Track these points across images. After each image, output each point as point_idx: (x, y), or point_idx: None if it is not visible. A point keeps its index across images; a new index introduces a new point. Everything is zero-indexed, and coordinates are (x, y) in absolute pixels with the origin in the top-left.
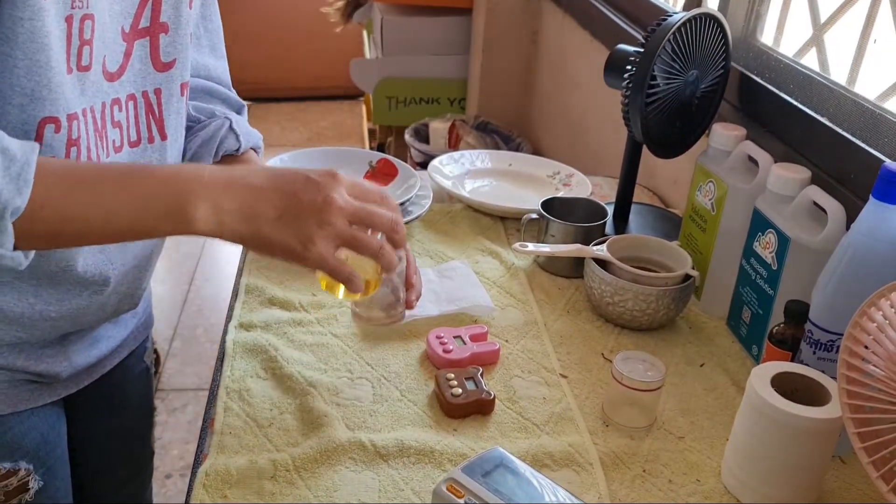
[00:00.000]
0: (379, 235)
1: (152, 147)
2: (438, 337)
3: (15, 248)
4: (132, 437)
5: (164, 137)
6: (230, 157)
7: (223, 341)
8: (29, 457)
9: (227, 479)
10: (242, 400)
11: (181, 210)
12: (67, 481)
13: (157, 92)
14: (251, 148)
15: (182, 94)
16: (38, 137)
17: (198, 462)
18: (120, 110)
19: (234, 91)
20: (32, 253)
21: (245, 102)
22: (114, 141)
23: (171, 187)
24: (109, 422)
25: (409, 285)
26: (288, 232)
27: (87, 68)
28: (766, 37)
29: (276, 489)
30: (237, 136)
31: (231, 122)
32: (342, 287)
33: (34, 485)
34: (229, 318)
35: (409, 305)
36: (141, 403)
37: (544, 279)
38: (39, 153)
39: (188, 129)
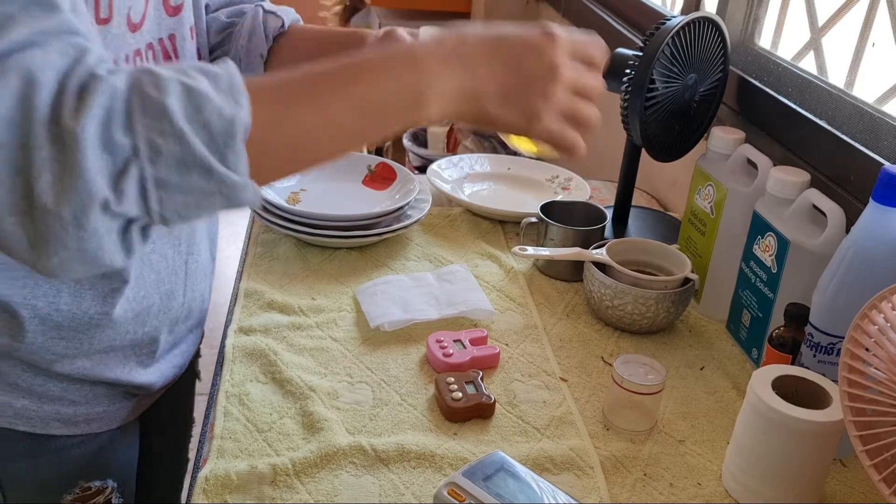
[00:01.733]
0: None
1: None
2: (438, 341)
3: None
4: (178, 447)
5: None
6: (280, 36)
7: (222, 346)
8: (115, 474)
9: (228, 484)
10: (242, 404)
11: (410, 105)
12: (133, 496)
13: (172, 38)
14: (293, 21)
15: (192, 38)
16: None
17: (197, 467)
18: (142, 61)
19: None
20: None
21: None
22: None
23: (393, 81)
24: (166, 434)
25: None
26: (512, 109)
27: (106, 20)
28: (765, 40)
29: (276, 494)
30: (276, 14)
31: (263, 7)
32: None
33: (116, 502)
34: (228, 322)
35: None
36: (188, 412)
37: (544, 283)
38: None
39: (229, 35)
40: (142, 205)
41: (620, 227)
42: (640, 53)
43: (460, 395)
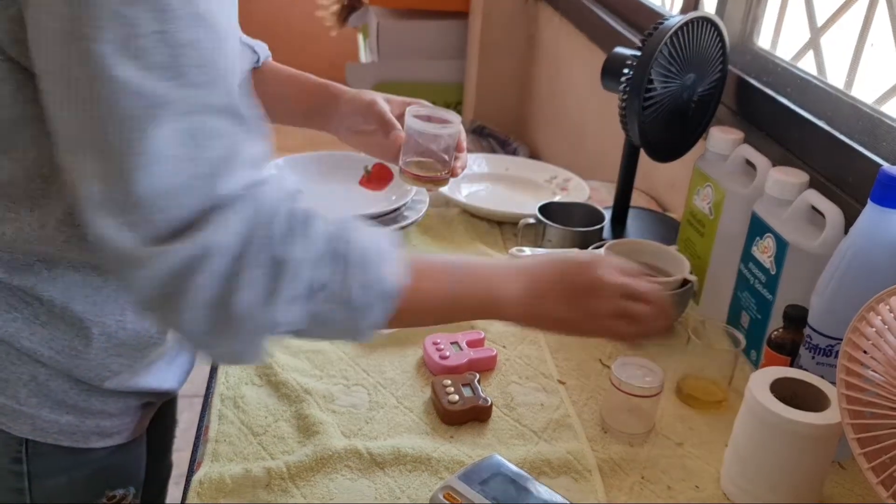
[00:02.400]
0: None
1: None
2: (435, 343)
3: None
4: (164, 449)
5: None
6: (253, 71)
7: None
8: (134, 481)
9: (222, 487)
10: (237, 407)
11: (492, 307)
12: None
13: None
14: (265, 58)
15: None
16: None
17: (192, 470)
18: None
19: None
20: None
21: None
22: None
23: (479, 277)
24: (154, 438)
25: (459, 148)
26: (572, 311)
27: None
28: (764, 40)
29: (270, 498)
30: (252, 49)
31: (241, 39)
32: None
33: None
34: None
35: (454, 173)
36: (172, 414)
37: None
38: None
39: None
40: (292, 326)
41: (619, 227)
42: (639, 53)
43: (457, 397)
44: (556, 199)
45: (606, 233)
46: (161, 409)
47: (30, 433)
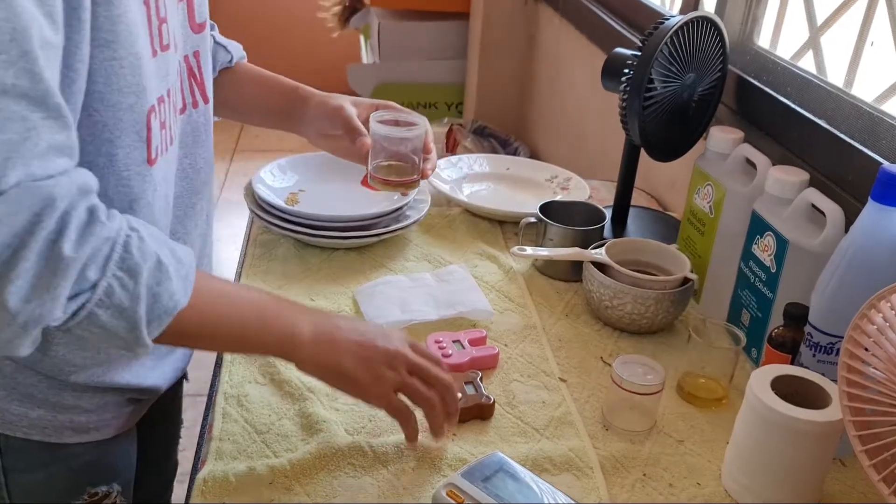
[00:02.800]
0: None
1: (197, 112)
2: (437, 341)
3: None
4: (168, 449)
5: (206, 100)
6: (225, 70)
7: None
8: (119, 478)
9: (226, 485)
10: (241, 406)
11: (287, 346)
12: (131, 500)
13: (196, 54)
14: (239, 58)
15: (209, 53)
16: (148, 129)
17: (196, 469)
18: (177, 78)
19: None
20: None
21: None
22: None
23: (282, 333)
24: (156, 437)
25: (426, 150)
26: (361, 369)
27: (167, 47)
28: (763, 39)
29: (274, 495)
30: (225, 48)
31: (214, 36)
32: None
33: None
34: None
35: (423, 175)
36: (177, 414)
37: (543, 283)
38: (147, 143)
39: None
40: (65, 322)
41: (619, 227)
42: (639, 53)
43: (459, 395)
44: (557, 198)
45: (607, 232)
46: (164, 409)
47: None
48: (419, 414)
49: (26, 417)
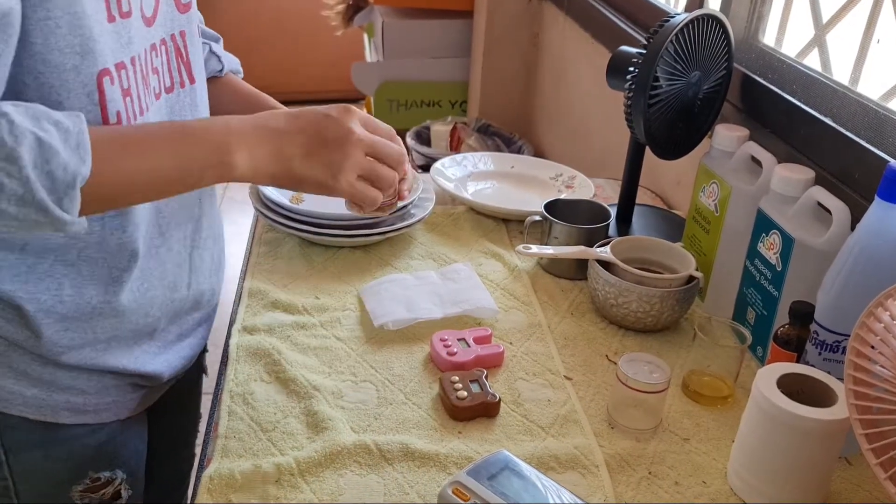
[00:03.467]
0: None
1: (184, 91)
2: (442, 339)
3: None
4: (183, 441)
5: (192, 80)
6: (214, 79)
7: (226, 345)
8: (124, 466)
9: (232, 483)
10: (246, 404)
11: (221, 160)
12: (142, 490)
13: (182, 34)
14: (231, 71)
15: (198, 35)
16: (101, 93)
17: (202, 466)
18: (157, 56)
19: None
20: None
21: (219, 35)
22: (154, 88)
23: (209, 141)
24: (172, 429)
25: (402, 171)
26: (316, 167)
27: (127, 14)
28: (769, 37)
29: (280, 493)
30: (219, 59)
31: (211, 47)
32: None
33: (125, 494)
34: (232, 321)
35: (400, 196)
36: (195, 407)
37: (548, 281)
38: (102, 107)
39: None
40: None
41: (624, 225)
42: (644, 51)
43: (465, 394)
44: (562, 196)
45: (612, 230)
46: (180, 400)
47: None
48: (420, 407)
49: (21, 395)
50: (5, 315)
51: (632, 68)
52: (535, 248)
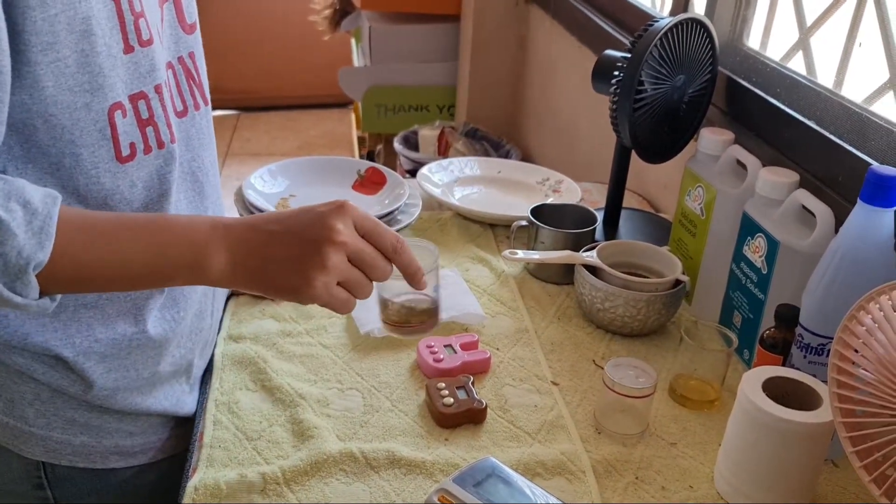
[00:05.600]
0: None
1: (199, 114)
2: (429, 346)
3: (41, 295)
4: None
5: (206, 102)
6: None
7: (212, 354)
8: (175, 500)
9: (217, 493)
10: (231, 413)
11: (195, 262)
12: None
13: (192, 56)
14: None
15: (203, 55)
16: (113, 128)
17: (187, 476)
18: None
19: None
20: (59, 295)
21: None
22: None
23: (186, 240)
24: None
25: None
26: (291, 274)
27: (148, 42)
28: (753, 41)
29: (266, 502)
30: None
31: None
32: None
33: None
34: (219, 330)
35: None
36: None
37: (534, 286)
38: (115, 141)
39: None
40: None
41: (611, 229)
42: (629, 55)
43: (451, 400)
44: (549, 201)
45: (599, 234)
46: None
47: (43, 455)
48: (406, 415)
49: (70, 445)
50: (48, 363)
51: (617, 72)
52: (521, 254)
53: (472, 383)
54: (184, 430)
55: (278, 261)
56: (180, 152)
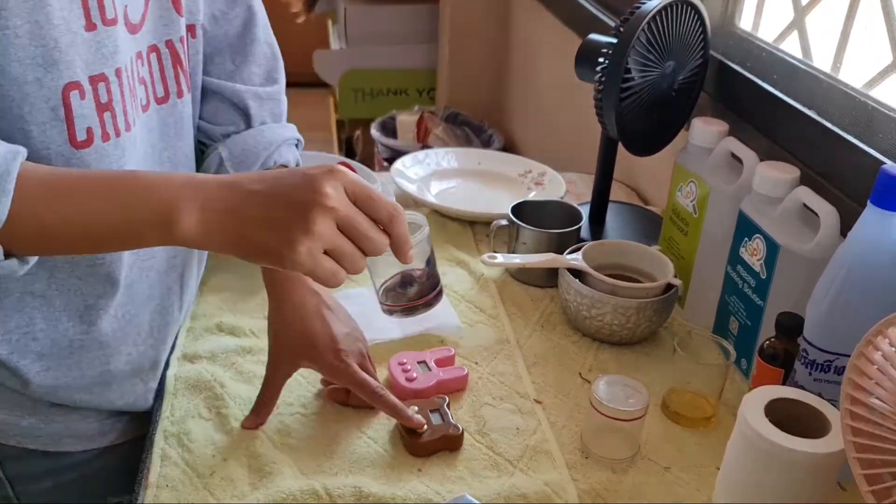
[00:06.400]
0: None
1: (181, 102)
2: (401, 363)
3: (7, 257)
4: None
5: (189, 89)
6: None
7: (163, 376)
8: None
9: None
10: (182, 446)
11: (164, 219)
12: None
13: (182, 40)
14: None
15: (195, 37)
16: (67, 108)
17: None
18: (143, 64)
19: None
20: (32, 259)
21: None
22: (141, 99)
23: (155, 195)
24: None
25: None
26: (271, 233)
27: (112, 22)
28: (745, 22)
29: None
30: (245, 113)
31: (222, 159)
32: None
33: None
34: (172, 348)
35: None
36: None
37: (516, 290)
38: (69, 123)
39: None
40: None
41: (598, 225)
42: (615, 40)
43: (425, 427)
44: (532, 195)
45: (584, 231)
46: None
47: None
48: (376, 442)
49: (17, 426)
50: None
51: (602, 59)
52: (500, 258)
53: (448, 405)
54: (149, 412)
55: (258, 220)
56: (153, 142)
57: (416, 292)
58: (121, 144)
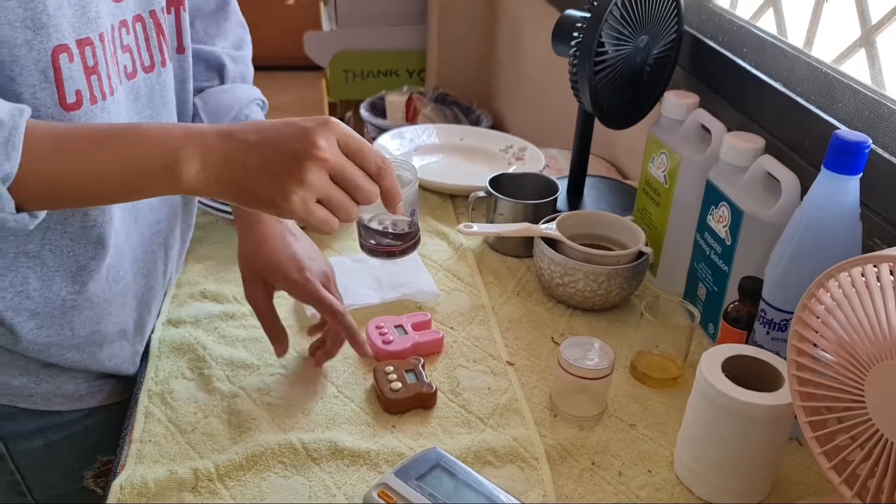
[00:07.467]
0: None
1: (165, 71)
2: (378, 327)
3: (19, 211)
4: None
5: (170, 59)
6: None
7: (149, 340)
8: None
9: (144, 492)
10: (165, 404)
11: (168, 168)
12: None
13: (176, 10)
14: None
15: (185, 10)
16: (57, 71)
17: (114, 474)
18: (128, 33)
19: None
20: (42, 213)
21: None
22: (125, 67)
23: (159, 145)
24: None
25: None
26: (265, 181)
27: None
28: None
29: (197, 500)
30: (218, 72)
31: (197, 109)
32: None
33: None
34: (157, 314)
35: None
36: None
37: (494, 260)
38: (59, 86)
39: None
40: None
41: (575, 198)
42: (588, 14)
43: (399, 385)
44: (512, 169)
45: (562, 204)
46: None
47: None
48: (352, 401)
49: (8, 385)
50: None
51: (576, 33)
52: (476, 227)
53: (423, 366)
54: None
55: (255, 170)
56: (139, 109)
57: (397, 238)
58: (107, 108)
